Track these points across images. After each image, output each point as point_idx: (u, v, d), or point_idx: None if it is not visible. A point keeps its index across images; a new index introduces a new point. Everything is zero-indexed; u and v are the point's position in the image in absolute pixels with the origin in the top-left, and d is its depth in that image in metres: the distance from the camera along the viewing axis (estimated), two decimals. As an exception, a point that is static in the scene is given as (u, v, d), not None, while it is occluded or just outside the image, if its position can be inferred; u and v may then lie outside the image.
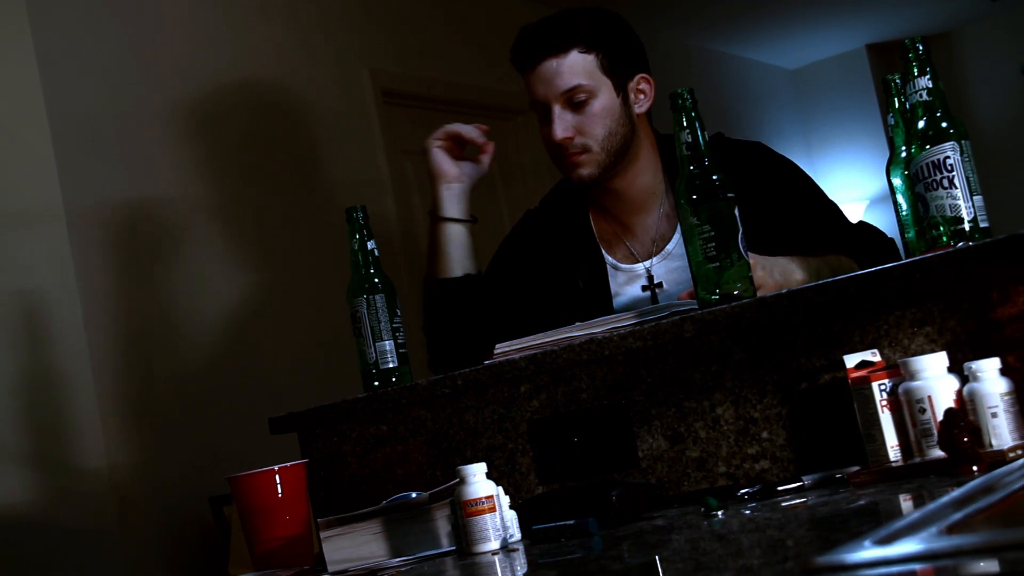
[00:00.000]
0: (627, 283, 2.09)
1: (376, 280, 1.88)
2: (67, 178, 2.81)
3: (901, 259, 1.66)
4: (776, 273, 1.78)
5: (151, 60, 3.11)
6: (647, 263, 2.08)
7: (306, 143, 3.51)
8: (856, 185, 6.15)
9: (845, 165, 6.28)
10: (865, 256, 1.91)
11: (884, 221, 2.16)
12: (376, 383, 1.87)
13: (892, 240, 1.97)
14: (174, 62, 3.16)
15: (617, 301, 2.08)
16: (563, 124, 2.02)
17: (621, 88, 2.05)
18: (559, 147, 2.04)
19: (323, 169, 3.55)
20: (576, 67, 2.01)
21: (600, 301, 2.08)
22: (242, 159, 3.28)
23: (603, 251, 2.12)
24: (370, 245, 1.89)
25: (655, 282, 2.07)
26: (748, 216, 1.91)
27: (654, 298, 2.06)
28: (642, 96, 2.07)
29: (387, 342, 1.86)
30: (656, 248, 2.08)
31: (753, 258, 1.72)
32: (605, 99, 2.03)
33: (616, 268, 2.10)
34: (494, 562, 1.39)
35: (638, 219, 2.11)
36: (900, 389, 1.39)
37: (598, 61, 2.02)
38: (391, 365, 1.86)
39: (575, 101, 2.01)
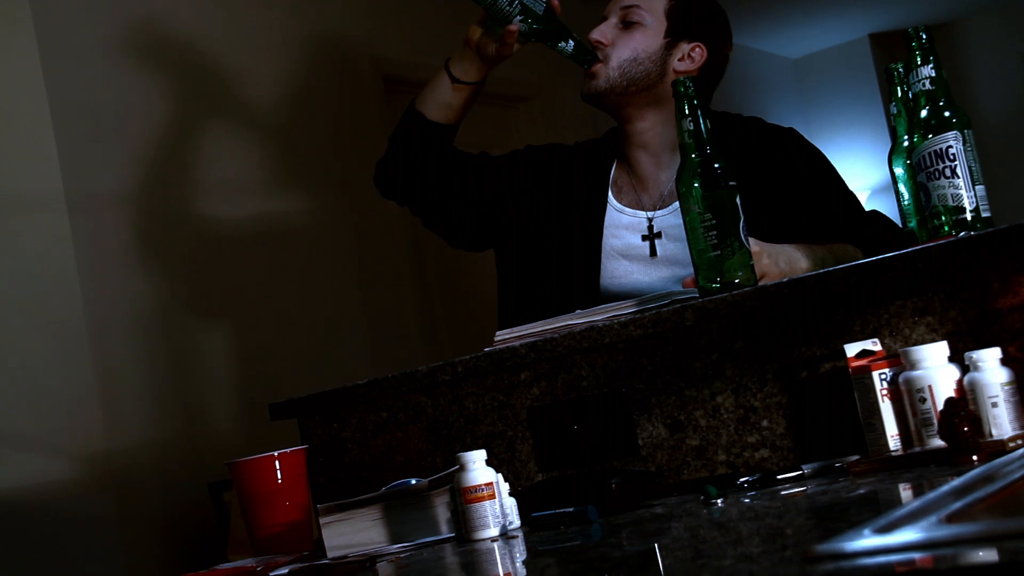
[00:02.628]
0: (627, 229, 2.12)
1: None
2: (68, 165, 2.81)
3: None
4: (781, 261, 1.78)
5: (152, 47, 3.10)
6: (650, 213, 2.11)
7: (308, 130, 3.50)
8: (858, 174, 6.14)
9: (847, 154, 6.27)
10: (873, 246, 1.92)
11: (886, 210, 2.18)
12: None
13: (901, 229, 1.99)
14: (175, 49, 3.16)
15: (612, 243, 2.11)
16: (604, 29, 2.13)
17: (673, 37, 2.11)
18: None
19: (325, 156, 3.54)
20: None
21: (590, 235, 2.12)
22: (243, 146, 3.28)
23: (610, 193, 2.16)
24: None
25: (655, 231, 2.09)
26: (768, 199, 1.95)
27: (652, 249, 2.08)
28: (688, 60, 2.12)
29: None
30: (664, 203, 2.11)
31: (758, 245, 1.73)
32: (651, 34, 2.11)
33: (618, 211, 2.14)
34: (493, 549, 1.39)
35: (654, 173, 2.14)
36: (900, 378, 1.39)
37: (667, 3, 2.12)
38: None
39: (627, 20, 2.11)
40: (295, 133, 3.46)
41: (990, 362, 1.34)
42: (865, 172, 6.21)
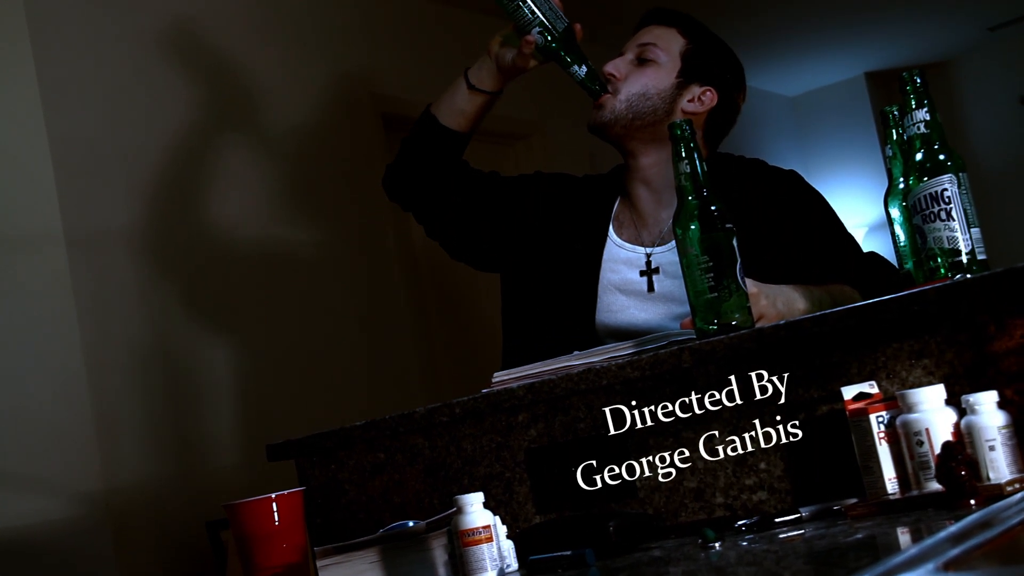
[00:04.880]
0: (625, 264, 2.14)
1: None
2: (67, 202, 2.82)
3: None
4: (779, 302, 1.79)
5: (152, 86, 3.12)
6: (649, 249, 2.13)
7: (307, 168, 3.52)
8: (855, 212, 6.15)
9: (844, 192, 6.29)
10: (870, 287, 1.93)
11: (882, 249, 2.19)
12: None
13: (898, 271, 1.99)
14: (175, 87, 3.17)
15: (609, 277, 2.13)
16: (619, 64, 2.16)
17: (684, 78, 2.14)
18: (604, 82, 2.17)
19: (323, 193, 3.55)
20: (663, 36, 2.17)
21: (588, 268, 2.14)
22: (243, 185, 3.29)
23: (611, 228, 2.18)
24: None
25: (652, 267, 2.11)
26: (768, 239, 1.97)
27: (649, 284, 2.10)
28: (698, 103, 2.15)
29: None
30: (663, 239, 2.13)
31: (756, 286, 1.73)
32: (663, 72, 2.14)
33: (617, 246, 2.16)
34: (491, 593, 1.39)
35: (654, 210, 2.17)
36: (898, 421, 1.39)
37: (684, 45, 2.16)
38: None
39: (642, 57, 2.15)
40: (295, 170, 3.47)
41: (987, 405, 1.34)
42: (862, 209, 6.23)
